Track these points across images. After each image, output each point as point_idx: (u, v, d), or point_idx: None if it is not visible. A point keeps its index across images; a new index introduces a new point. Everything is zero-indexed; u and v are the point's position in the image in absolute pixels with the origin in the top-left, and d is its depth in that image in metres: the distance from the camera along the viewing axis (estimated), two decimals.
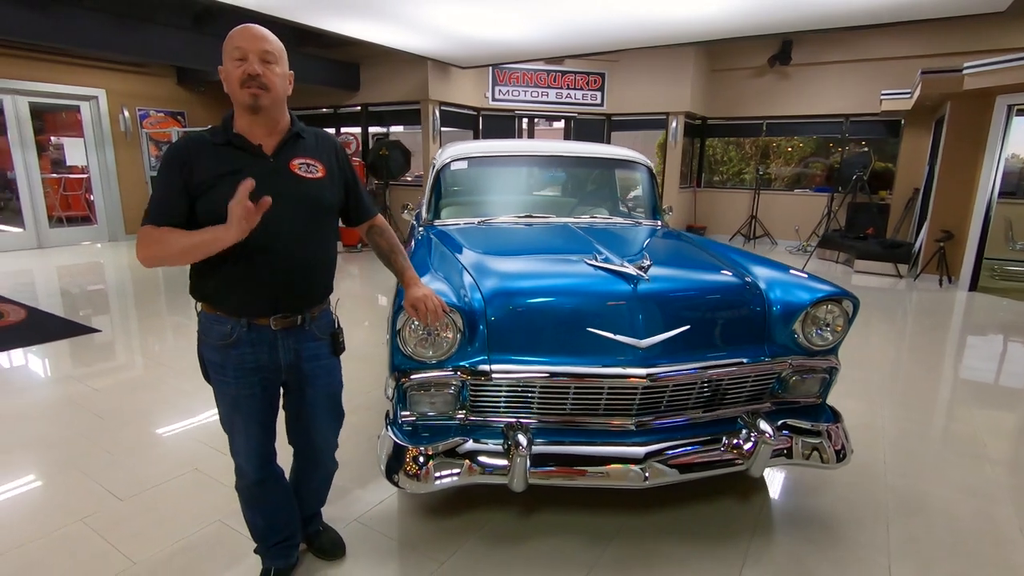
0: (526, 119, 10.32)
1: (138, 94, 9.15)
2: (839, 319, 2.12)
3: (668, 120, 9.73)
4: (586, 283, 2.07)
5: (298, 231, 1.55)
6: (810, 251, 8.82)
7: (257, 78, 1.44)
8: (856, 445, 2.83)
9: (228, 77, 1.48)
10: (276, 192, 1.43)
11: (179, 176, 1.45)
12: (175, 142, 1.53)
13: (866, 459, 2.74)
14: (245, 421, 1.63)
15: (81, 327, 4.59)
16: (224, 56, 1.48)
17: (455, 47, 7.39)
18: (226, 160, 1.48)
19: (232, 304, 1.54)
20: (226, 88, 1.50)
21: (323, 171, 1.61)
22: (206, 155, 1.48)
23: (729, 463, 2.00)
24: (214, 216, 1.41)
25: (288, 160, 1.55)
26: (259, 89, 1.45)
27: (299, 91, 8.58)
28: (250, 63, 1.44)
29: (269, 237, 1.48)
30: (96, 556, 1.99)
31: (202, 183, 1.45)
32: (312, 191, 1.58)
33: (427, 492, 2.18)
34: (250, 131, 1.52)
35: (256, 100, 1.46)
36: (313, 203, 1.58)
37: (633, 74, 9.73)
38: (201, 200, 1.46)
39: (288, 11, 5.98)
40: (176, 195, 1.46)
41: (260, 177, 1.42)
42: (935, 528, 2.24)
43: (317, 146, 1.64)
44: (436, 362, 1.93)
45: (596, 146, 3.63)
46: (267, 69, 1.46)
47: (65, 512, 2.23)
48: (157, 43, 6.36)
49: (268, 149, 1.53)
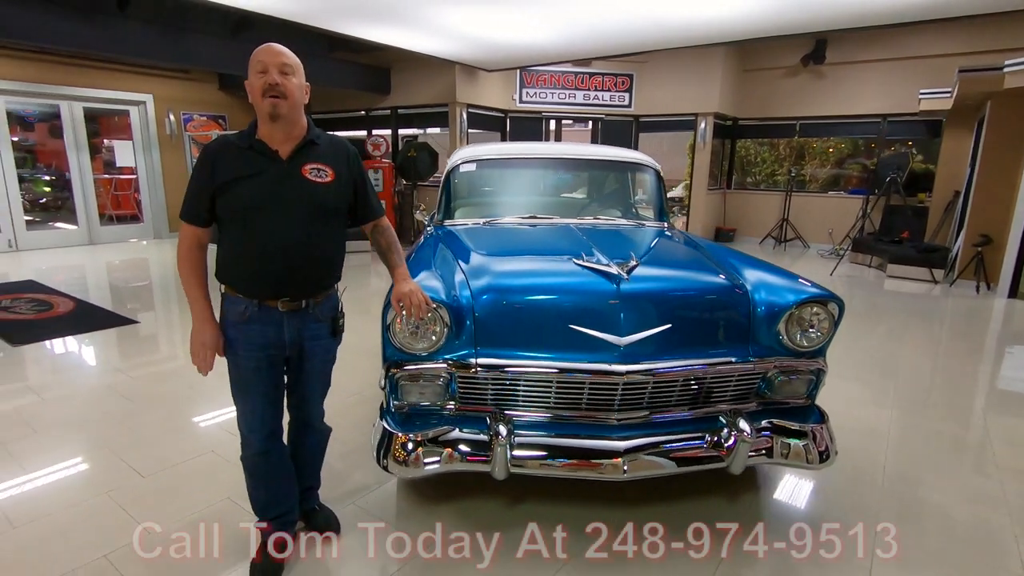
0: (553, 121, 10.38)
1: (182, 99, 9.62)
2: (824, 321, 2.13)
3: (696, 121, 9.63)
4: (570, 282, 2.14)
5: (304, 229, 1.74)
6: (842, 255, 8.60)
7: (276, 87, 1.65)
8: (857, 449, 2.85)
9: (252, 89, 1.68)
10: (286, 194, 1.71)
11: (208, 174, 1.69)
12: (208, 143, 1.78)
13: (865, 463, 2.73)
14: (253, 393, 1.81)
15: (122, 319, 4.90)
16: (249, 71, 1.70)
17: (481, 51, 7.52)
18: (247, 163, 1.70)
19: (246, 287, 1.75)
20: (250, 99, 1.71)
21: (332, 175, 1.79)
22: (231, 157, 1.70)
23: (709, 460, 2.04)
24: (230, 213, 1.69)
25: (301, 165, 1.74)
26: (278, 98, 1.65)
27: (332, 94, 9.00)
28: (270, 75, 1.65)
29: (276, 234, 1.70)
30: (116, 526, 2.17)
31: (224, 183, 1.68)
32: (318, 194, 1.76)
33: (414, 477, 2.29)
34: (270, 137, 1.72)
35: (275, 108, 1.66)
36: (319, 205, 1.77)
37: (661, 75, 9.67)
38: (221, 197, 1.69)
39: (319, 19, 6.22)
40: (202, 194, 1.70)
41: (274, 179, 1.70)
42: (925, 533, 2.22)
43: (329, 152, 1.82)
44: (425, 355, 2.04)
45: (603, 148, 3.69)
46: (285, 80, 1.67)
47: (93, 485, 2.44)
48: (198, 51, 6.71)
49: (284, 154, 1.73)
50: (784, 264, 8.16)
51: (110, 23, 5.95)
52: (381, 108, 9.78)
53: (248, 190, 1.67)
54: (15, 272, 6.75)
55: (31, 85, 7.95)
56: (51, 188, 9.08)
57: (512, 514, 2.26)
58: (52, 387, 3.49)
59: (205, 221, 1.74)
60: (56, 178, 8.95)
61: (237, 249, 1.73)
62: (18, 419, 3.04)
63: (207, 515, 2.24)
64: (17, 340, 4.25)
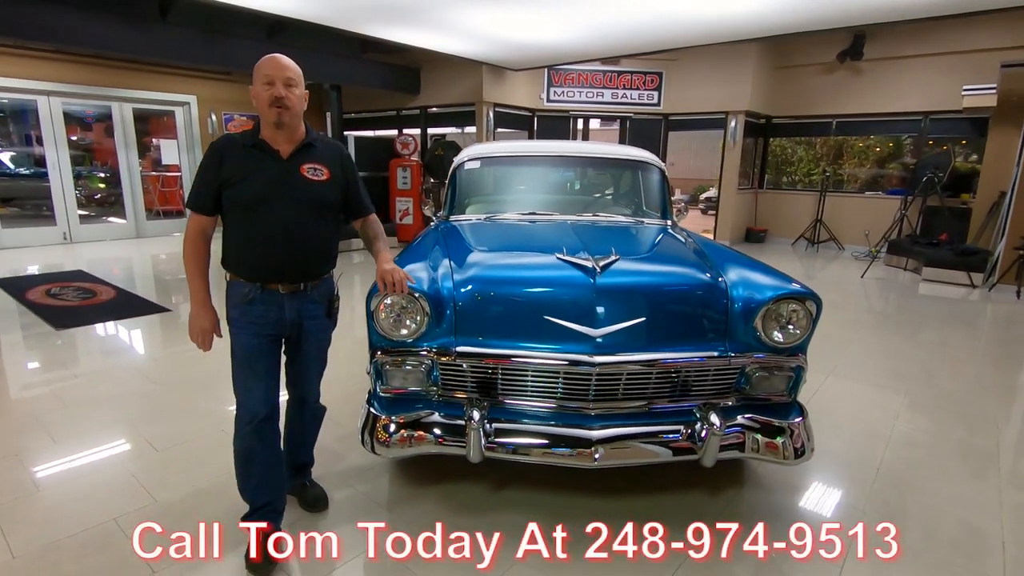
0: (581, 120, 10.39)
1: (224, 100, 10.07)
2: (802, 319, 2.13)
3: (727, 120, 9.48)
4: (548, 275, 2.21)
5: (300, 221, 1.90)
6: (878, 257, 8.33)
7: (282, 100, 1.81)
8: (854, 451, 2.81)
9: (258, 98, 1.84)
10: (285, 189, 1.88)
11: (215, 168, 1.85)
12: (215, 141, 1.91)
13: (859, 464, 2.69)
14: (255, 369, 1.94)
15: (157, 307, 5.21)
16: (255, 80, 1.85)
17: (505, 50, 7.62)
18: (252, 160, 1.86)
19: (250, 272, 1.91)
20: (255, 105, 1.86)
21: (327, 175, 1.96)
22: (238, 154, 1.87)
23: (682, 452, 2.08)
24: (234, 204, 1.86)
25: (299, 164, 1.91)
26: (283, 108, 1.82)
27: (365, 95, 9.26)
28: (277, 88, 1.81)
29: (276, 225, 1.87)
30: (128, 493, 2.36)
31: (230, 177, 1.84)
32: (315, 191, 1.93)
33: (395, 457, 2.38)
34: (272, 139, 1.89)
35: (280, 117, 1.83)
36: (315, 201, 1.93)
37: (691, 73, 9.55)
38: (227, 191, 1.85)
39: (349, 22, 6.44)
40: (209, 185, 1.86)
41: (275, 176, 1.87)
42: (908, 536, 2.19)
43: (325, 154, 1.98)
44: (408, 341, 2.14)
45: (607, 146, 3.72)
46: (289, 92, 1.83)
47: (111, 456, 2.64)
48: (234, 53, 7.03)
49: (284, 154, 1.90)
50: (815, 266, 8.09)
51: (153, 29, 6.31)
52: (411, 108, 9.99)
53: (253, 185, 1.84)
54: (68, 262, 7.23)
55: (86, 87, 8.47)
56: (105, 184, 9.65)
57: (495, 499, 2.33)
58: (85, 367, 3.77)
59: (211, 211, 1.90)
60: (109, 175, 9.52)
61: (242, 238, 1.89)
62: (51, 394, 3.30)
63: (208, 487, 2.40)
64: (60, 324, 4.59)
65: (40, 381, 3.54)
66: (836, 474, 2.62)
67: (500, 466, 2.44)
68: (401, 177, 9.35)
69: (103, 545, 2.05)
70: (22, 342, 4.26)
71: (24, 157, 9.07)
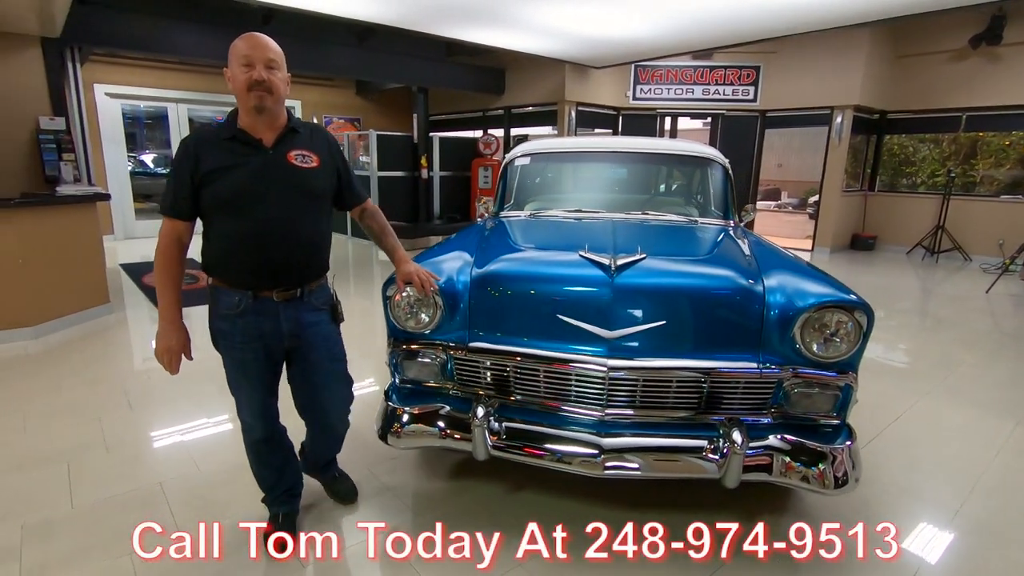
0: (669, 117, 9.98)
1: (325, 103, 10.77)
2: (850, 331, 1.88)
3: (832, 115, 8.68)
4: (563, 272, 2.11)
5: (293, 214, 1.73)
6: (1013, 271, 7.26)
7: (263, 83, 1.63)
8: (930, 487, 2.46)
9: (236, 81, 1.65)
10: (274, 180, 1.69)
11: (188, 167, 1.65)
12: (186, 136, 1.72)
13: (933, 503, 2.34)
14: (251, 382, 1.82)
15: None
16: (231, 62, 1.66)
17: (585, 48, 7.48)
18: (232, 153, 1.68)
19: (240, 279, 1.73)
20: (231, 88, 1.67)
21: (317, 161, 1.79)
22: (214, 147, 1.67)
23: (699, 470, 1.91)
24: (215, 202, 1.67)
25: (286, 152, 1.73)
26: (264, 92, 1.64)
27: (451, 96, 9.51)
28: (257, 70, 1.63)
29: (269, 221, 1.69)
30: (178, 460, 2.58)
31: (208, 173, 1.65)
32: (306, 179, 1.76)
33: (406, 448, 2.35)
34: (252, 127, 1.70)
35: (262, 101, 1.64)
36: (307, 190, 1.77)
37: (793, 65, 8.85)
38: (206, 190, 1.66)
39: (429, 25, 6.63)
40: (185, 187, 1.67)
41: (260, 167, 1.68)
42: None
43: (311, 139, 1.82)
44: (426, 333, 2.14)
45: (666, 141, 3.52)
46: (271, 75, 1.65)
47: (173, 426, 2.91)
48: (328, 59, 7.50)
49: (268, 143, 1.71)
50: (933, 278, 7.25)
51: None
52: (496, 108, 10.11)
53: (235, 179, 1.64)
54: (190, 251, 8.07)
55: (205, 95, 9.42)
56: None
57: (513, 514, 2.23)
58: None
59: (188, 215, 1.70)
60: None
61: (228, 241, 1.70)
62: (140, 369, 3.68)
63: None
64: None
65: (130, 357, 3.97)
66: (898, 511, 2.29)
67: (505, 470, 2.38)
68: (483, 176, 9.51)
69: (143, 504, 2.24)
70: (127, 321, 4.80)
71: (162, 158, 10.26)
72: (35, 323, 4.14)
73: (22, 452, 2.62)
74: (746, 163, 9.72)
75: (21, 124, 5.79)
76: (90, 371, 3.59)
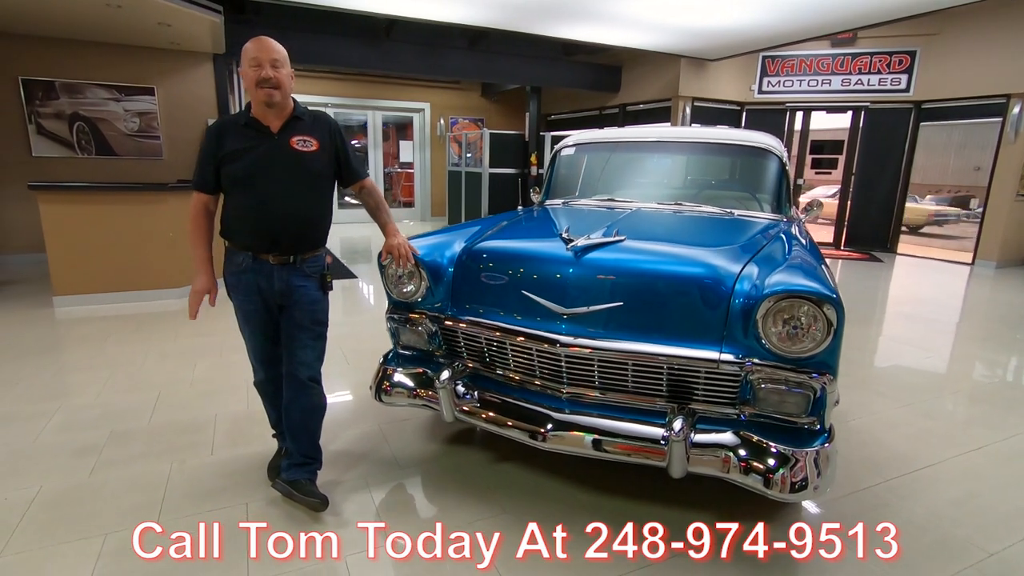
0: (800, 112, 9.13)
1: (452, 105, 11.51)
2: (818, 325, 1.71)
3: (1008, 104, 7.34)
4: (531, 249, 2.18)
5: (293, 192, 2.01)
6: None
7: (270, 80, 1.92)
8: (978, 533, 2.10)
9: (246, 77, 1.94)
10: (277, 162, 1.99)
11: (212, 150, 1.99)
12: (212, 123, 2.10)
13: (959, 547, 2.01)
14: (251, 328, 2.14)
15: (349, 273, 6.36)
16: (243, 63, 1.96)
17: (699, 40, 7.17)
18: (246, 138, 1.99)
19: (243, 242, 2.05)
20: (245, 85, 1.97)
21: (316, 145, 2.05)
22: (233, 133, 2.00)
23: (648, 455, 1.87)
24: (230, 179, 1.99)
25: (289, 137, 2.01)
26: (272, 88, 1.94)
27: (569, 95, 9.82)
28: (265, 69, 1.92)
29: (269, 195, 1.98)
30: (232, 398, 3.07)
31: (227, 154, 1.98)
32: (305, 161, 2.03)
33: (392, 405, 2.44)
34: (263, 116, 2.00)
35: (270, 97, 1.94)
36: (306, 171, 2.03)
37: (962, 47, 7.62)
38: (225, 168, 1.99)
39: (533, 26, 6.84)
40: (211, 165, 2.00)
41: (267, 151, 1.99)
42: None
43: (313, 125, 2.08)
44: (413, 301, 2.34)
45: (718, 131, 3.33)
46: (277, 72, 1.94)
47: (246, 382, 3.42)
48: (444, 63, 8.07)
49: (275, 130, 2.00)
50: None
51: (382, 46, 7.63)
52: (612, 106, 10.04)
53: (247, 161, 1.95)
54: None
55: (349, 99, 10.60)
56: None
57: (513, 514, 2.22)
58: None
59: (212, 189, 2.04)
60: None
61: (237, 211, 2.03)
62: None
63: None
64: None
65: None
66: (915, 544, 2.00)
67: (511, 470, 2.47)
68: None
69: (196, 429, 2.72)
70: None
71: None
72: (180, 286, 5.07)
73: (133, 381, 3.30)
74: (894, 164, 8.58)
75: (194, 126, 7.07)
76: (205, 326, 4.32)
